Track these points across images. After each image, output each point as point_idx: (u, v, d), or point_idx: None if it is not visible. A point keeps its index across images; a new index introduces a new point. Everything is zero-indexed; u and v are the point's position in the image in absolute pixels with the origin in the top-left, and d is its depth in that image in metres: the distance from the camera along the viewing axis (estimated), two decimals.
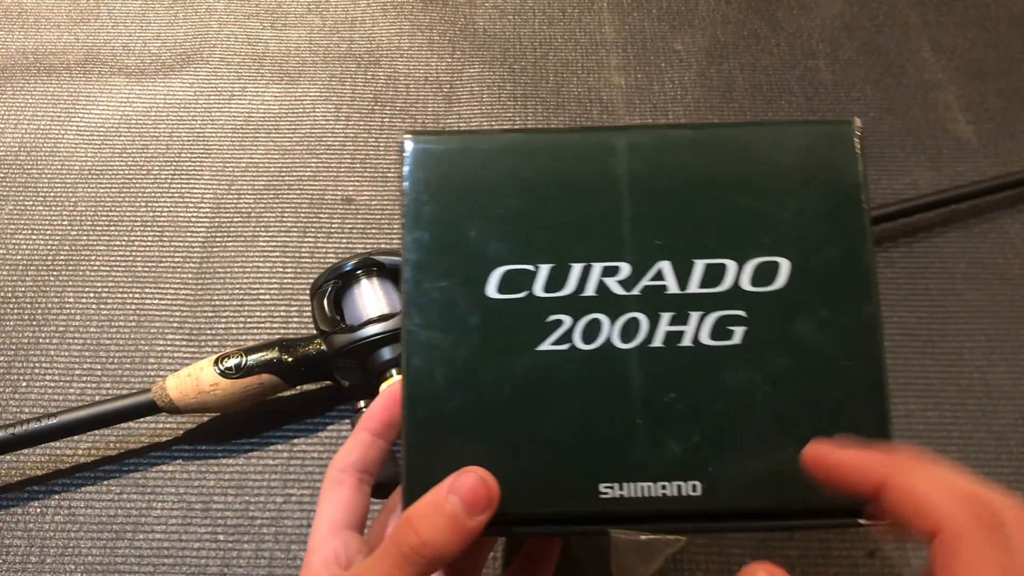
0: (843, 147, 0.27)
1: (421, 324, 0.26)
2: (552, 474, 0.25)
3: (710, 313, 0.26)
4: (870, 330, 0.26)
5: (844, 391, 0.25)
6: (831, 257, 0.26)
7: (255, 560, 0.41)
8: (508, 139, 0.27)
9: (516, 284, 0.26)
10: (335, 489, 0.30)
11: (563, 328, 0.26)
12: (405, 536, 0.24)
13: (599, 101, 0.61)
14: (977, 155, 0.58)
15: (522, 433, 0.25)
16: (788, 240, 0.26)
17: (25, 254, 0.53)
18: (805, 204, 0.26)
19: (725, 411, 0.25)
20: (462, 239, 0.26)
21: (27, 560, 0.41)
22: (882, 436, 0.25)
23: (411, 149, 0.27)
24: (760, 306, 0.26)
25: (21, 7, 0.67)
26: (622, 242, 0.26)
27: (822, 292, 0.26)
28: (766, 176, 0.26)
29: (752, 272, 0.26)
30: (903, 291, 0.51)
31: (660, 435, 0.25)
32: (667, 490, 0.25)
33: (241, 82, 0.62)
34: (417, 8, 0.68)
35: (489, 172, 0.27)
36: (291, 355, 0.43)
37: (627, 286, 0.26)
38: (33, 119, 0.60)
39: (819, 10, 0.67)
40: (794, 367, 0.25)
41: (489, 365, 0.26)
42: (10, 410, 0.46)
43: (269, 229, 0.54)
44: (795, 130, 0.27)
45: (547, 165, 0.27)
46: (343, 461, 0.30)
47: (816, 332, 0.25)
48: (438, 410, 0.26)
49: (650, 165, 0.27)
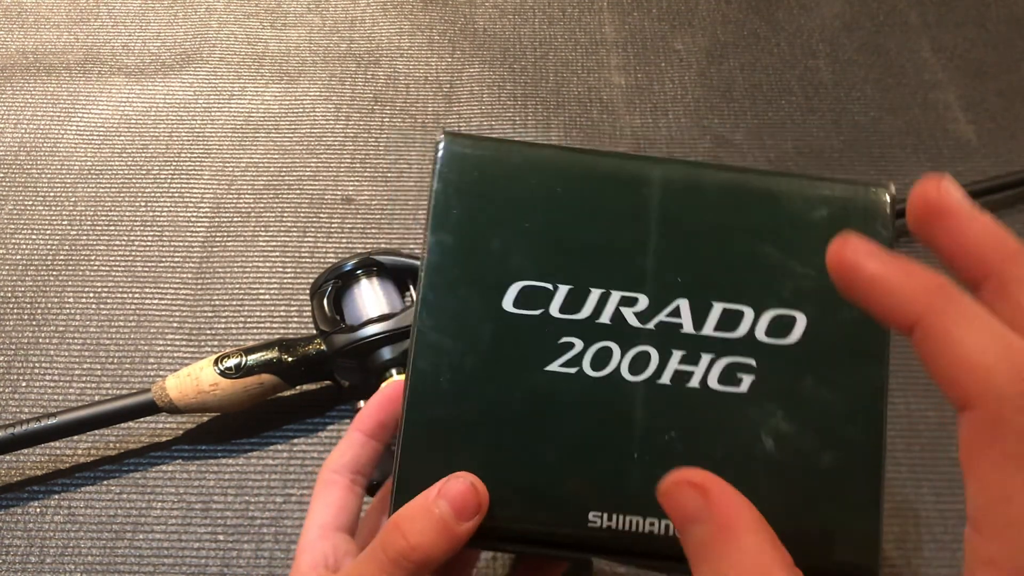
0: (875, 212, 0.26)
1: (432, 326, 0.26)
2: (543, 494, 0.25)
3: (721, 357, 0.25)
4: (876, 396, 0.25)
5: (840, 455, 0.25)
6: (848, 318, 0.26)
7: (255, 560, 0.41)
8: (544, 154, 0.27)
9: (533, 301, 0.26)
10: (327, 490, 0.30)
11: (574, 351, 0.26)
12: (393, 539, 0.24)
13: (599, 101, 0.61)
14: (977, 155, 0.58)
15: (519, 449, 0.25)
16: (808, 296, 0.26)
17: (25, 254, 0.53)
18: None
19: (722, 458, 0.25)
20: (485, 248, 0.26)
21: (27, 560, 0.41)
22: (871, 507, 0.25)
23: (445, 150, 0.27)
24: (771, 358, 0.25)
25: (21, 7, 0.67)
26: (644, 274, 0.26)
27: (834, 352, 0.26)
28: (795, 229, 0.26)
29: (768, 323, 0.26)
30: None
31: (655, 472, 0.24)
32: (655, 527, 0.25)
33: (241, 82, 0.62)
34: (417, 8, 0.68)
35: (520, 184, 0.27)
36: (291, 355, 0.43)
37: (643, 319, 0.26)
38: (33, 119, 0.60)
39: (819, 10, 0.67)
40: (794, 423, 0.25)
41: (496, 378, 0.26)
42: (10, 410, 0.46)
43: (269, 229, 0.54)
44: (831, 187, 0.27)
45: (579, 185, 0.27)
46: (336, 462, 0.30)
47: (821, 392, 0.25)
48: (438, 415, 0.25)
49: (682, 202, 0.27)
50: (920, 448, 0.45)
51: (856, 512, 0.25)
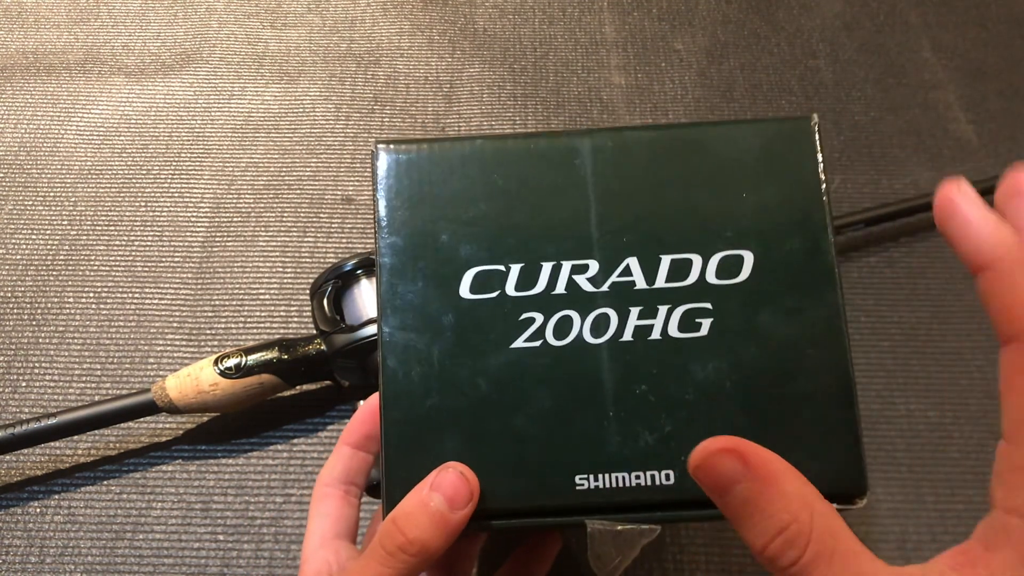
0: (803, 142, 0.27)
1: (397, 326, 0.26)
2: (528, 468, 0.26)
3: (677, 306, 0.26)
4: (834, 319, 0.26)
5: (810, 380, 0.26)
6: (793, 248, 0.26)
7: (255, 560, 0.41)
8: (477, 146, 0.28)
9: (488, 284, 0.27)
10: (323, 503, 0.31)
11: (535, 325, 0.26)
12: (391, 536, 0.24)
13: (599, 101, 0.61)
14: (978, 155, 0.58)
15: (498, 429, 0.26)
16: (750, 233, 0.27)
17: (25, 254, 0.53)
18: (766, 198, 0.27)
19: (695, 401, 0.26)
20: (435, 243, 0.27)
21: (27, 560, 0.41)
22: (848, 426, 0.26)
23: (383, 158, 0.28)
24: (726, 298, 0.26)
25: (21, 7, 0.67)
26: (590, 241, 0.27)
27: (785, 283, 0.26)
28: (727, 173, 0.27)
29: (717, 265, 0.27)
30: (903, 291, 0.51)
31: (633, 426, 0.26)
32: (641, 480, 0.25)
33: (241, 82, 0.62)
34: (417, 8, 0.68)
35: (459, 178, 0.28)
36: (291, 355, 0.43)
37: (596, 283, 0.27)
38: (33, 119, 0.60)
39: (819, 10, 0.67)
40: (760, 357, 0.26)
41: (464, 363, 0.26)
42: (10, 410, 0.46)
43: (269, 229, 0.54)
44: (755, 127, 0.28)
45: (515, 169, 0.28)
46: (328, 476, 0.31)
47: (781, 322, 0.26)
48: (415, 409, 0.26)
49: (613, 166, 0.27)
50: (920, 448, 0.45)
51: (835, 433, 0.26)
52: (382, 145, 0.28)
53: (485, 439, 0.26)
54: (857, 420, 0.26)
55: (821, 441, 0.25)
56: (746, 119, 0.28)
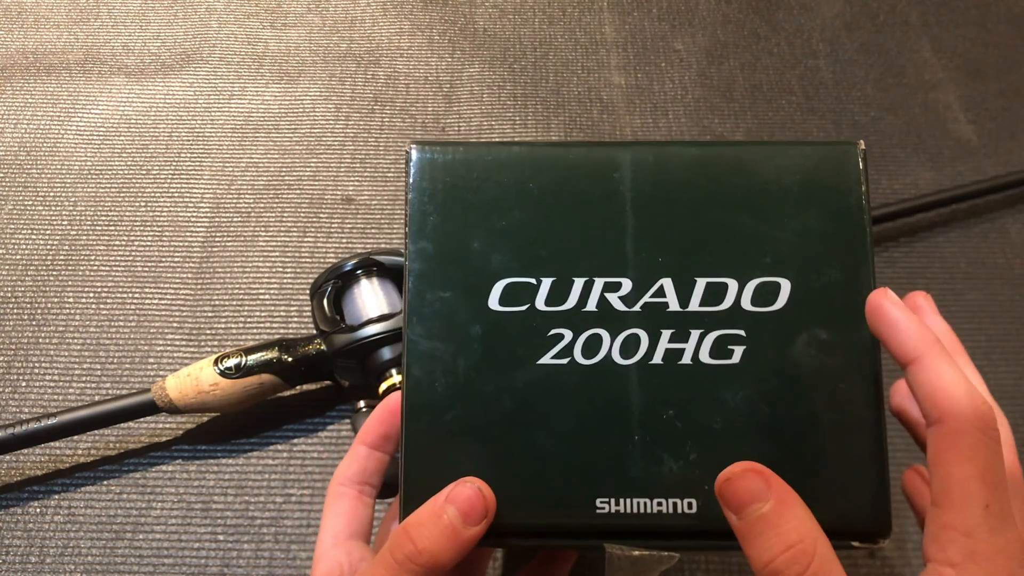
0: (848, 168, 0.26)
1: (423, 334, 0.26)
2: (549, 487, 0.25)
3: (710, 332, 0.26)
4: (868, 353, 0.26)
5: (840, 413, 0.25)
6: (832, 279, 0.26)
7: (255, 560, 0.41)
8: (514, 152, 0.27)
9: (518, 297, 0.26)
10: (337, 502, 0.30)
11: (564, 342, 0.26)
12: (402, 544, 0.24)
13: (599, 101, 0.61)
14: (977, 155, 0.58)
15: (520, 445, 0.25)
16: (789, 261, 0.26)
17: (25, 254, 0.53)
18: (807, 225, 0.26)
19: (722, 430, 0.25)
20: (466, 250, 0.26)
21: (27, 560, 0.41)
22: (877, 466, 0.25)
23: (416, 159, 0.27)
24: (760, 326, 0.26)
25: (21, 7, 0.67)
26: (624, 258, 0.26)
27: (822, 314, 0.26)
28: (769, 196, 0.26)
29: (753, 292, 0.26)
30: (903, 291, 0.51)
31: (657, 451, 0.25)
32: (663, 507, 0.25)
33: (241, 82, 0.62)
34: (417, 8, 0.68)
35: (494, 184, 0.27)
36: (291, 355, 0.43)
37: (628, 302, 0.26)
38: (33, 119, 0.60)
39: (819, 10, 0.67)
40: (791, 389, 0.25)
41: (489, 377, 0.26)
42: (10, 410, 0.46)
43: (269, 229, 0.54)
44: (799, 150, 0.27)
45: (551, 179, 0.27)
46: (343, 475, 0.31)
47: (814, 353, 0.25)
48: (438, 420, 0.26)
49: (653, 181, 0.27)
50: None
51: (863, 472, 0.25)
52: (416, 145, 0.27)
53: (507, 455, 0.25)
54: (885, 461, 0.25)
55: (848, 480, 0.25)
56: (791, 140, 0.27)
